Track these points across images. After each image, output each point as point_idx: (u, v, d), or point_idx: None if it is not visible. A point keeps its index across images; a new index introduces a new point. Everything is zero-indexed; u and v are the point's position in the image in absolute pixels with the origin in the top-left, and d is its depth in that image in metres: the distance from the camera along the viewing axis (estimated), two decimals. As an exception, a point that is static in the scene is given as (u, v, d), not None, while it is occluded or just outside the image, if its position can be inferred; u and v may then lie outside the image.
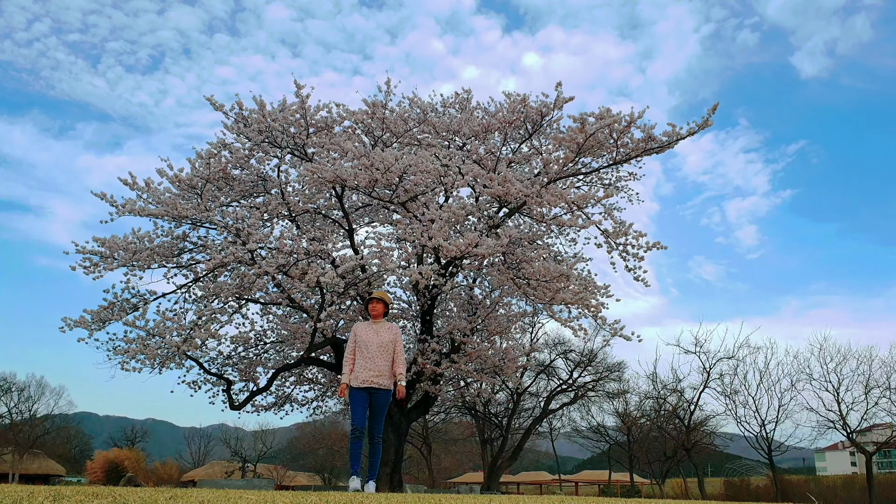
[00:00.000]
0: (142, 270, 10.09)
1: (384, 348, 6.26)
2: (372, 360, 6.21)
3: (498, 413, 25.37)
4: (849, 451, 60.00)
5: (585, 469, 54.66)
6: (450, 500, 2.85)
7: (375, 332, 6.32)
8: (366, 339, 6.28)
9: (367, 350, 6.23)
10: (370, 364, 6.19)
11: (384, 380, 6.22)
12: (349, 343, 6.34)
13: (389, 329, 6.40)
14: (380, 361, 6.21)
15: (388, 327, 6.41)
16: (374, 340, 6.26)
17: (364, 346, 6.24)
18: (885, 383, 23.50)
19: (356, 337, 6.33)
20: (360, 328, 6.38)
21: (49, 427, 44.10)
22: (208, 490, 2.66)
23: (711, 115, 9.05)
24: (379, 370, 6.19)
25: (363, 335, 6.31)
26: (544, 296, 10.03)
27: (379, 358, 6.22)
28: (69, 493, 1.74)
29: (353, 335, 6.35)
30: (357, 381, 6.18)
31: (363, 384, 6.16)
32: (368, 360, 6.20)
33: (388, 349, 6.29)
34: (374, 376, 6.15)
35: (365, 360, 6.21)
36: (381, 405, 6.23)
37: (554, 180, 10.38)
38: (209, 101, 10.45)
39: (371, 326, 6.38)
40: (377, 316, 6.42)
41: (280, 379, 13.29)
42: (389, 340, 6.31)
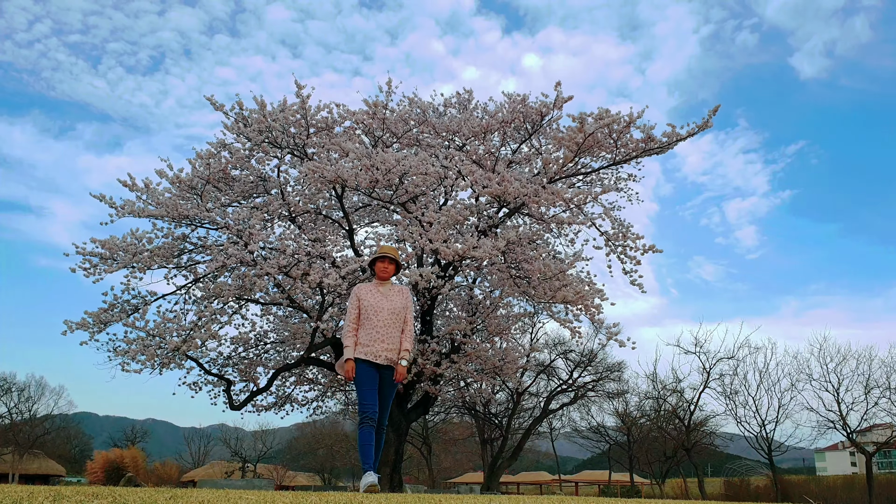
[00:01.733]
0: (142, 272, 10.10)
1: (396, 316, 5.21)
2: (383, 331, 5.14)
3: (498, 413, 25.37)
4: (849, 452, 60.00)
5: (585, 469, 54.65)
6: (450, 501, 2.85)
7: (384, 296, 5.24)
8: (374, 304, 5.18)
9: (376, 318, 5.15)
10: (381, 335, 5.13)
11: (394, 354, 5.19)
12: (350, 309, 5.21)
13: (400, 292, 5.35)
14: (393, 332, 5.17)
15: (398, 290, 5.36)
16: (384, 306, 5.18)
17: (372, 314, 5.16)
18: (884, 383, 23.51)
19: (360, 301, 5.21)
20: (364, 291, 5.27)
21: (49, 427, 44.07)
22: (208, 490, 2.67)
23: (712, 116, 9.05)
24: (392, 343, 5.15)
25: (369, 299, 5.20)
26: (544, 294, 10.03)
27: (392, 327, 5.17)
28: (69, 494, 1.75)
29: (356, 299, 5.22)
30: (365, 354, 5.11)
31: (375, 360, 5.12)
32: (378, 331, 5.13)
33: (400, 317, 5.24)
34: (385, 350, 5.12)
35: (373, 331, 5.13)
36: (391, 386, 5.22)
37: (553, 180, 10.38)
38: (209, 101, 10.46)
39: (377, 289, 5.29)
40: (386, 277, 5.35)
41: (280, 379, 13.30)
42: (401, 306, 5.26)
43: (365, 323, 5.18)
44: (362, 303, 5.21)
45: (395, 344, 5.17)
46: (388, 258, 5.35)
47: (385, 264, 5.35)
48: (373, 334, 5.13)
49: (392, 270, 5.38)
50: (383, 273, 5.33)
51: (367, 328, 5.16)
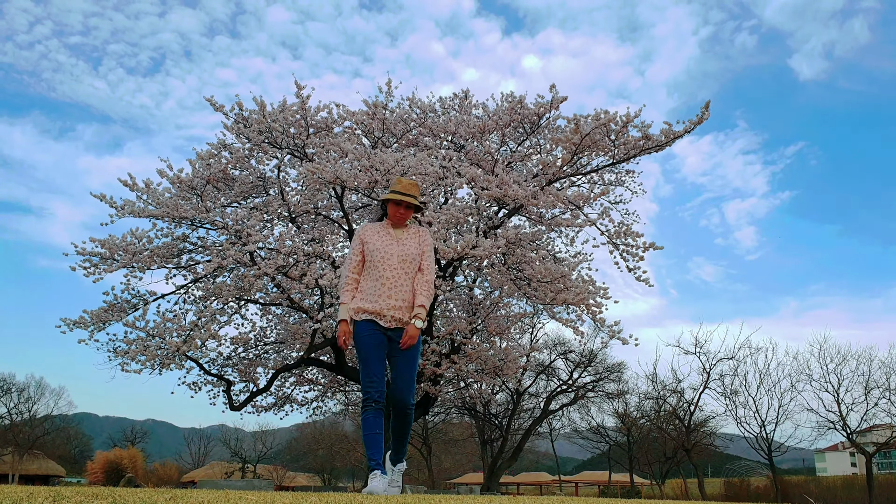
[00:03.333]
0: (141, 272, 10.10)
1: (410, 265, 4.00)
2: (393, 284, 3.93)
3: (498, 414, 25.36)
4: (849, 452, 59.97)
5: (585, 470, 54.66)
6: (450, 501, 2.85)
7: (396, 241, 4.04)
8: (381, 249, 3.98)
9: (382, 266, 3.94)
10: (389, 289, 3.92)
11: (407, 313, 3.97)
12: (351, 255, 4.06)
13: (417, 234, 4.13)
14: (404, 285, 3.96)
15: (414, 232, 4.14)
16: (393, 252, 3.99)
17: (379, 260, 3.96)
18: (884, 384, 23.53)
19: (364, 245, 4.04)
20: (370, 233, 4.09)
21: (49, 428, 44.06)
22: (208, 491, 2.66)
23: (705, 111, 9.09)
24: (404, 299, 3.94)
25: (376, 242, 4.02)
26: (545, 296, 10.04)
27: (404, 280, 3.96)
28: (69, 494, 1.75)
29: (359, 242, 4.06)
30: (367, 313, 3.90)
31: (380, 320, 3.91)
32: (386, 284, 3.92)
33: (414, 266, 4.04)
34: (393, 308, 3.90)
35: (379, 284, 3.92)
36: (410, 355, 3.92)
37: (552, 181, 10.39)
38: (209, 102, 10.46)
39: (388, 231, 4.09)
40: (401, 224, 4.14)
41: (280, 379, 13.29)
42: (416, 252, 4.04)
43: (369, 273, 3.98)
44: (367, 247, 4.02)
45: (406, 300, 3.93)
46: (403, 203, 4.08)
47: (401, 210, 4.08)
48: (378, 288, 3.91)
49: (409, 215, 4.14)
50: (399, 220, 4.11)
51: (371, 279, 3.96)
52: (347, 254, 4.32)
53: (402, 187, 4.11)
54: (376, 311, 3.90)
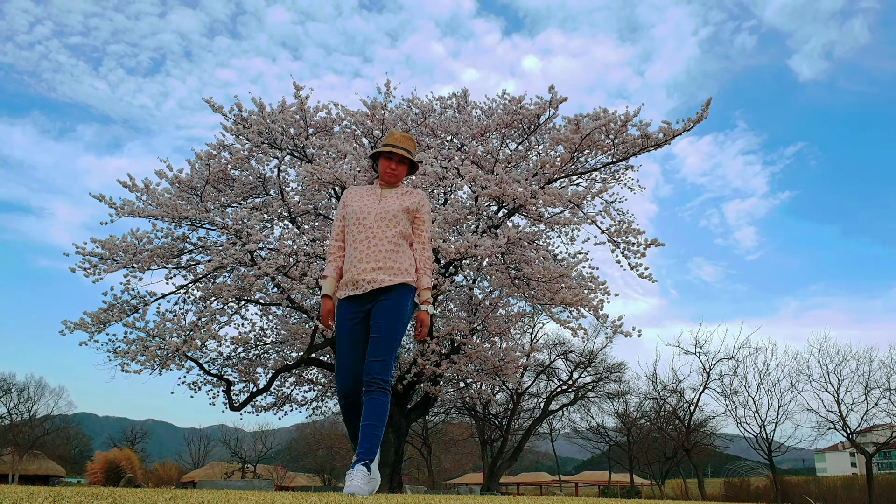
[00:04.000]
0: (141, 272, 10.11)
1: (390, 222, 3.39)
2: (366, 245, 3.36)
3: (498, 414, 25.37)
4: (849, 452, 59.97)
5: (585, 470, 54.66)
6: (450, 501, 2.84)
7: (379, 199, 3.48)
8: (360, 208, 3.44)
9: (358, 227, 3.40)
10: (361, 252, 3.35)
11: (385, 275, 3.32)
12: (336, 221, 3.59)
13: (405, 193, 3.54)
14: (383, 245, 3.35)
15: (402, 192, 3.54)
16: (372, 210, 3.43)
17: (355, 222, 3.42)
18: (884, 384, 23.54)
19: (346, 208, 3.51)
20: (353, 195, 3.55)
21: (49, 428, 44.07)
22: (208, 491, 2.66)
23: (705, 110, 9.10)
24: (383, 260, 3.33)
25: (356, 203, 3.48)
26: (544, 296, 10.05)
27: (382, 239, 3.36)
28: (69, 494, 1.75)
29: (342, 206, 3.56)
30: (343, 287, 3.39)
31: (354, 291, 3.33)
32: (359, 247, 3.36)
33: (397, 223, 3.40)
34: (367, 272, 3.31)
35: (353, 248, 3.39)
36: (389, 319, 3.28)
37: (551, 181, 10.39)
38: (208, 104, 10.46)
39: (373, 191, 3.54)
40: (393, 182, 3.55)
41: (280, 379, 13.30)
42: (399, 208, 3.43)
43: (350, 238, 3.44)
44: (347, 209, 3.47)
45: (385, 259, 3.31)
46: (396, 156, 3.50)
47: (393, 165, 3.50)
48: (352, 253, 3.37)
49: (403, 173, 3.55)
50: (390, 177, 3.52)
51: (349, 244, 3.43)
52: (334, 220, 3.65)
53: (394, 140, 3.56)
54: (351, 279, 3.34)
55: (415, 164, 3.63)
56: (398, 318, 3.32)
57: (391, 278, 3.33)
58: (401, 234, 3.40)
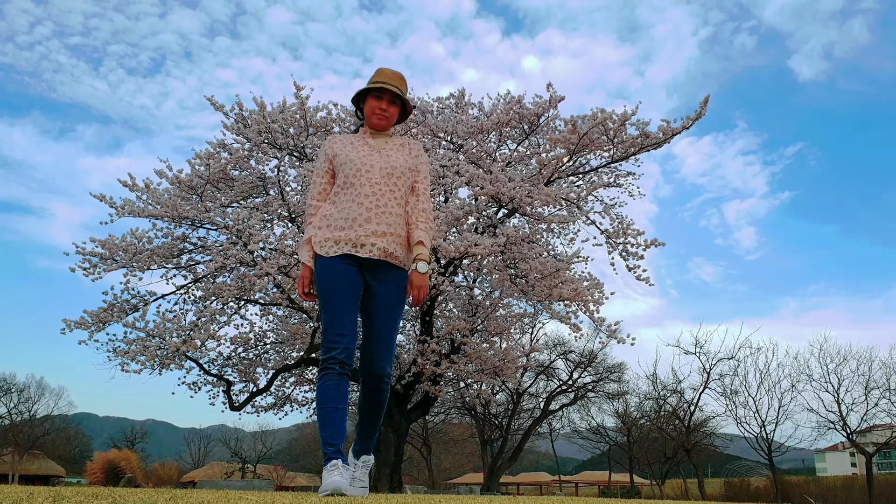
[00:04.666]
0: (141, 271, 10.11)
1: (398, 180, 2.96)
2: (375, 203, 2.89)
3: (498, 414, 25.38)
4: (849, 452, 60.00)
5: (585, 470, 54.68)
6: (450, 501, 2.84)
7: (377, 151, 3.02)
8: (358, 159, 2.96)
9: (361, 181, 2.91)
10: (369, 210, 2.88)
11: (398, 247, 2.92)
12: (316, 175, 3.06)
13: (406, 146, 3.09)
14: (389, 204, 2.91)
15: (401, 144, 3.09)
16: (374, 164, 2.96)
17: (355, 174, 2.93)
18: (885, 384, 23.55)
19: (333, 158, 3.01)
20: (340, 144, 3.05)
21: (49, 428, 44.08)
22: (208, 491, 2.66)
23: (704, 107, 9.08)
24: (389, 223, 2.90)
25: (350, 153, 2.98)
26: (542, 293, 10.04)
27: (388, 198, 2.92)
28: (69, 494, 1.75)
29: (326, 157, 3.04)
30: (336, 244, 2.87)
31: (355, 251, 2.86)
32: (365, 203, 2.88)
33: (405, 182, 2.99)
34: (374, 235, 2.86)
35: (356, 203, 2.88)
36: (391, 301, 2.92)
37: (550, 181, 10.39)
38: (209, 102, 10.46)
39: (365, 141, 3.05)
40: (384, 126, 3.07)
41: (280, 379, 13.30)
42: (406, 166, 3.00)
43: (342, 194, 2.92)
44: (337, 160, 2.98)
45: (395, 226, 2.90)
46: (388, 93, 3.03)
47: (384, 104, 3.03)
48: (354, 210, 2.86)
49: (394, 116, 3.07)
50: (380, 119, 3.04)
51: (344, 201, 2.90)
52: (313, 171, 3.09)
53: (384, 76, 3.05)
54: (351, 239, 2.84)
55: (407, 106, 3.11)
56: (401, 306, 2.97)
57: (400, 252, 2.91)
58: (406, 193, 2.99)
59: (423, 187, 3.06)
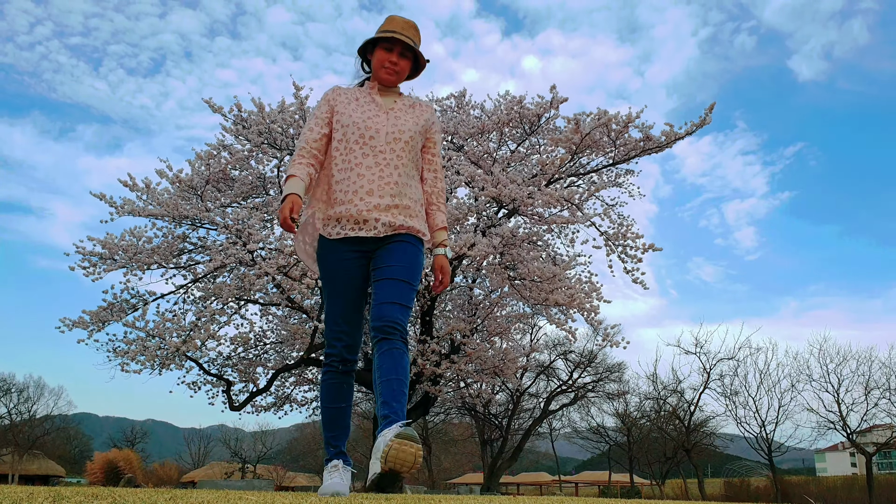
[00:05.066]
0: (141, 271, 10.11)
1: (407, 145, 2.62)
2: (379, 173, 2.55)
3: (498, 414, 25.37)
4: (849, 452, 60.00)
5: (585, 470, 54.67)
6: (450, 501, 2.85)
7: (385, 111, 2.66)
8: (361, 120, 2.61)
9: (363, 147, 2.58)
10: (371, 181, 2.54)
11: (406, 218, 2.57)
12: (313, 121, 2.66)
13: (417, 107, 2.74)
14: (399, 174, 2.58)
15: (410, 103, 2.74)
16: (380, 126, 2.61)
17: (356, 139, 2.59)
18: (885, 384, 23.56)
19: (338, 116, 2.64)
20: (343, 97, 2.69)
21: (48, 428, 44.07)
22: (208, 491, 2.67)
23: (709, 114, 9.09)
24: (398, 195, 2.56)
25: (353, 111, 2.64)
26: (538, 297, 10.05)
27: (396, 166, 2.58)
28: (69, 494, 1.75)
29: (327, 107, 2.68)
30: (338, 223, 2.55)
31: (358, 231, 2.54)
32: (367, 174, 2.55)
33: (414, 147, 2.65)
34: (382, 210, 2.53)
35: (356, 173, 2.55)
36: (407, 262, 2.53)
37: (551, 181, 10.39)
38: (207, 104, 10.46)
39: (371, 98, 2.70)
40: (394, 81, 2.72)
41: (280, 379, 13.30)
42: (416, 129, 2.66)
43: (340, 158, 2.57)
44: (338, 116, 2.63)
45: (402, 197, 2.55)
46: (400, 43, 2.66)
47: (394, 57, 2.67)
48: (355, 180, 2.52)
49: (405, 70, 2.70)
50: (389, 73, 2.67)
51: (344, 169, 2.55)
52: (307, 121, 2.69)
53: (395, 25, 2.68)
54: (352, 215, 2.50)
55: (420, 60, 2.73)
56: (417, 264, 2.54)
57: (410, 221, 2.57)
58: (415, 162, 2.66)
59: (437, 161, 2.76)
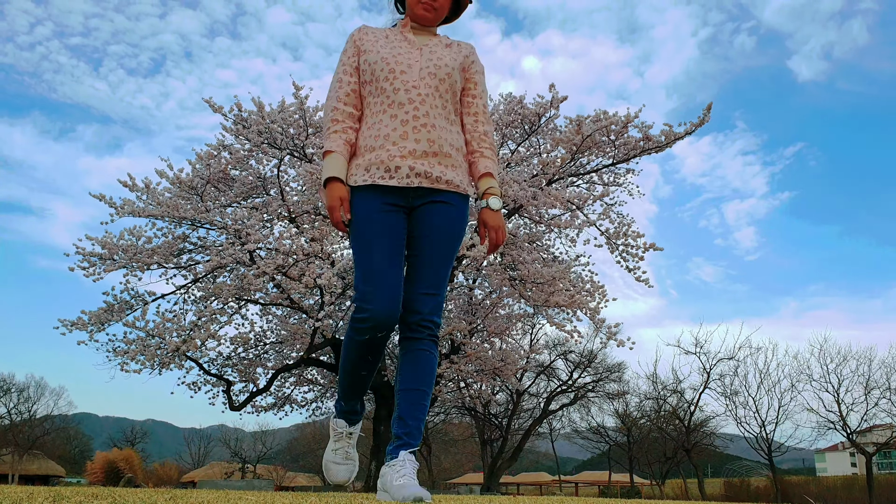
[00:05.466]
0: (141, 271, 10.11)
1: (443, 83, 2.25)
2: (413, 114, 2.18)
3: (498, 414, 25.37)
4: (849, 452, 59.99)
5: (585, 470, 54.68)
6: (450, 501, 2.86)
7: (416, 48, 2.30)
8: (392, 58, 2.25)
9: (395, 86, 2.21)
10: (405, 123, 2.18)
11: (445, 168, 2.20)
12: (340, 71, 2.30)
13: (455, 45, 2.39)
14: (436, 115, 2.21)
15: (447, 41, 2.40)
16: (414, 63, 2.25)
17: (386, 77, 2.22)
18: (885, 384, 23.57)
19: (366, 56, 2.28)
20: (370, 37, 2.33)
21: (49, 428, 44.05)
22: (208, 491, 2.67)
23: (707, 113, 9.12)
24: (433, 140, 2.18)
25: (383, 50, 2.28)
26: (538, 297, 10.06)
27: (433, 107, 2.21)
28: (69, 494, 1.75)
29: (354, 50, 2.32)
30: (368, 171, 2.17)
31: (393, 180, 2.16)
32: (399, 115, 2.19)
33: (454, 87, 2.28)
34: (417, 156, 2.17)
35: (389, 115, 2.20)
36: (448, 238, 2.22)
37: (552, 181, 10.40)
38: (207, 104, 10.46)
39: (404, 36, 2.34)
40: (430, 19, 2.35)
41: (280, 380, 13.30)
42: (454, 66, 2.29)
43: (371, 102, 2.25)
44: (365, 56, 2.28)
45: (441, 143, 2.18)
46: None
47: None
48: (387, 123, 2.19)
49: (445, 7, 2.35)
50: (426, 9, 2.32)
51: (375, 112, 2.23)
52: (336, 68, 2.34)
53: None
54: (383, 161, 2.15)
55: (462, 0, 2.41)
56: (458, 233, 2.23)
57: (451, 174, 2.19)
58: (455, 105, 2.30)
59: (481, 103, 2.37)
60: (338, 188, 2.15)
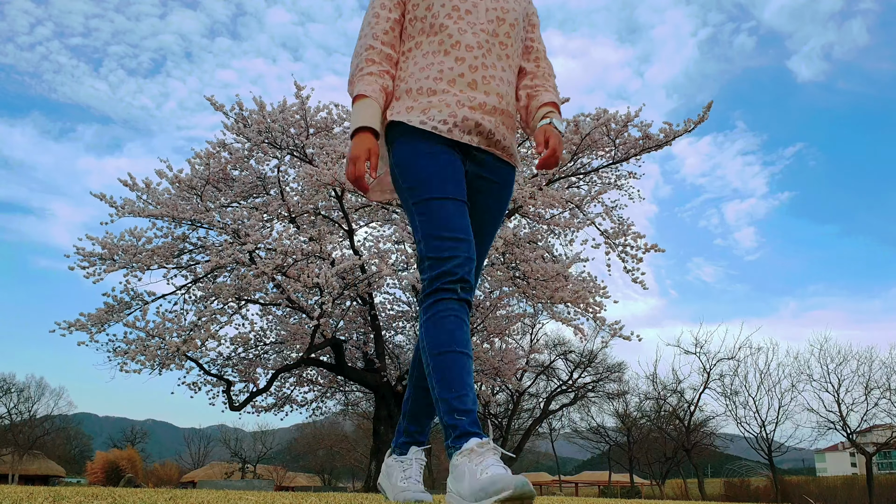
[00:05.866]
0: (141, 272, 10.11)
1: (510, 29, 1.94)
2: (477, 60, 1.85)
3: (498, 414, 25.38)
4: (849, 452, 60.00)
5: (585, 470, 54.69)
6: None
7: None
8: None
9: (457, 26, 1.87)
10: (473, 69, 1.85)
11: (509, 133, 1.94)
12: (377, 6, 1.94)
13: None
14: (499, 65, 1.90)
15: None
16: (479, 1, 1.90)
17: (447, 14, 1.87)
18: (885, 384, 23.58)
19: None
20: None
21: (49, 428, 44.07)
22: (208, 491, 2.67)
23: (706, 112, 9.14)
24: (498, 94, 1.87)
25: None
26: (543, 295, 10.06)
27: (497, 54, 1.90)
28: (69, 494, 1.75)
29: None
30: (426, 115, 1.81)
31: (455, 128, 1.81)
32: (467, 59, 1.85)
33: (517, 35, 1.97)
34: (491, 108, 1.86)
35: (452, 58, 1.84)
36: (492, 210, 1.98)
37: (551, 181, 10.40)
38: (209, 102, 10.47)
39: None
40: None
41: (280, 380, 13.30)
42: (520, 12, 2.00)
43: (426, 41, 1.91)
44: None
45: (508, 99, 1.93)
46: None
47: None
48: (447, 63, 1.86)
49: None
50: None
51: (431, 53, 1.89)
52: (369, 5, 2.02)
53: None
54: (449, 105, 1.83)
55: None
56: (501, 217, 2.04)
57: (510, 139, 1.98)
58: (518, 56, 2.03)
59: (542, 48, 2.12)
60: (369, 139, 1.79)
